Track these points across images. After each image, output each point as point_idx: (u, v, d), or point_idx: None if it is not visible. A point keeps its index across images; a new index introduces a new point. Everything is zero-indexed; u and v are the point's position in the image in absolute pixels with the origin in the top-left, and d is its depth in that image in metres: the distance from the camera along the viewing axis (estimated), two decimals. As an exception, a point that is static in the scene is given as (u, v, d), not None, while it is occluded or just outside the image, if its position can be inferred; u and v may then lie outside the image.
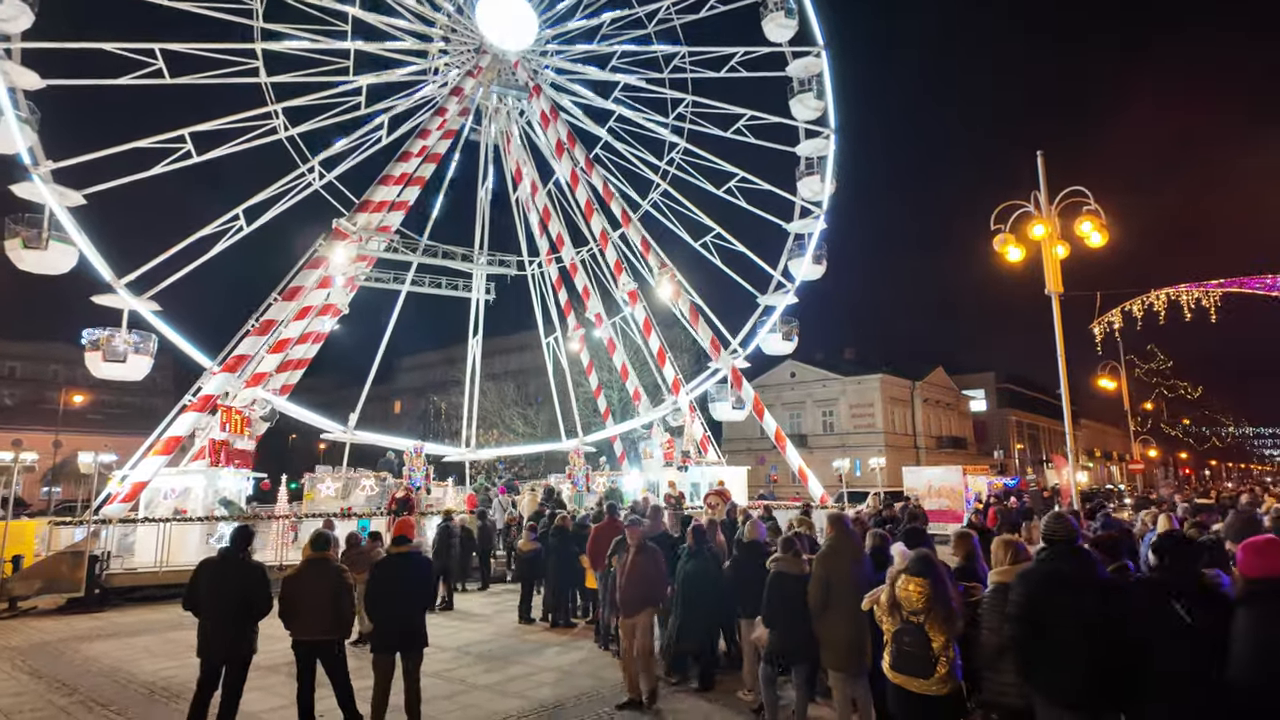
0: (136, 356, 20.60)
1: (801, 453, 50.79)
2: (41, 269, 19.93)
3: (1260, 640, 3.53)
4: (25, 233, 19.36)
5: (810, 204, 29.75)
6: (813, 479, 26.42)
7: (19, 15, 19.69)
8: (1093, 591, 4.16)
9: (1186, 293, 20.58)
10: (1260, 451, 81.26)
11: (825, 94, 29.41)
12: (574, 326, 33.17)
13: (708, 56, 30.87)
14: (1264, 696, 3.44)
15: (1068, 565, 4.29)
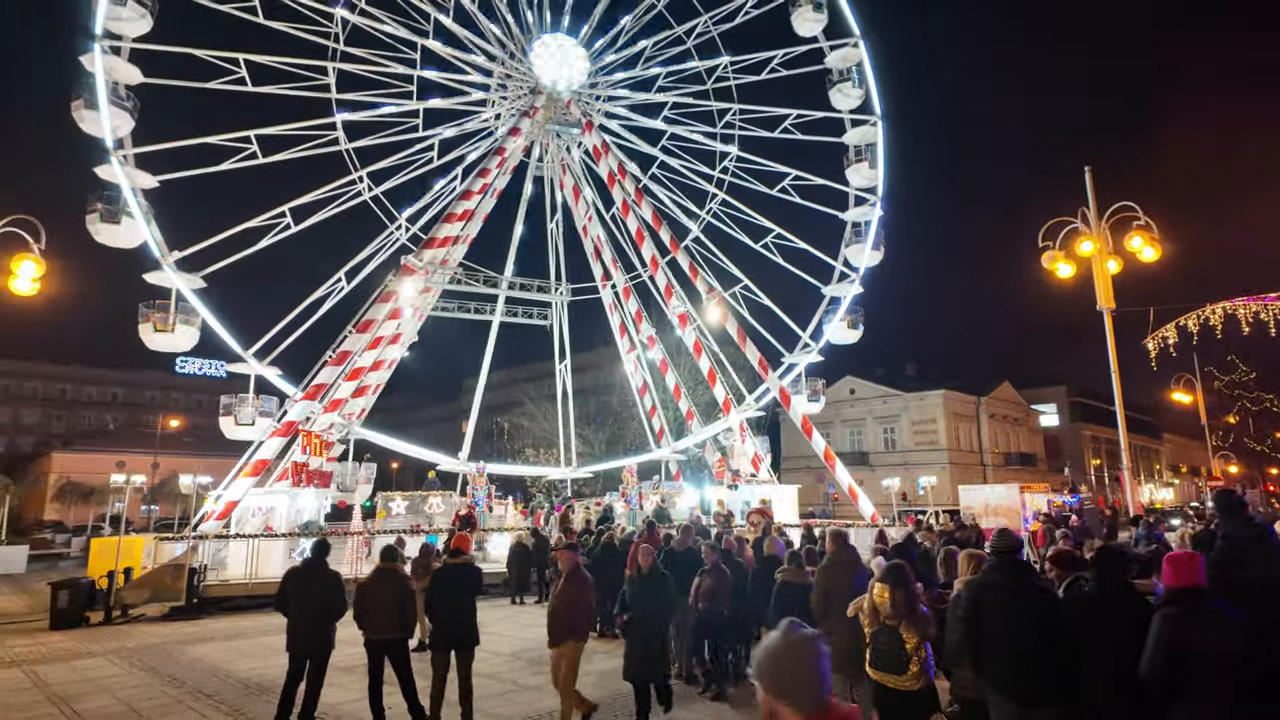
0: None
1: (863, 471, 50.82)
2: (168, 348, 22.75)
3: (1157, 640, 4.11)
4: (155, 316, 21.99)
5: (863, 191, 30.45)
6: (863, 497, 26.59)
7: (138, 19, 22.46)
8: (1026, 598, 4.79)
9: (1244, 306, 20.18)
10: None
11: (866, 81, 30.08)
12: (628, 349, 34.26)
13: (748, 63, 31.95)
14: (1154, 690, 4.03)
15: (1003, 575, 4.94)
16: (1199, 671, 3.91)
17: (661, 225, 28.55)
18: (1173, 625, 4.12)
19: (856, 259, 30.16)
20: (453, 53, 28.95)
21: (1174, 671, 3.98)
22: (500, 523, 23.12)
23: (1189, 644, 3.94)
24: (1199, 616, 4.02)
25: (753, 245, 31.55)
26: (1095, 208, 22.23)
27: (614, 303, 33.68)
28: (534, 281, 31.83)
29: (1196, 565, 4.19)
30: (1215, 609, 4.04)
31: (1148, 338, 21.85)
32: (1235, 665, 3.84)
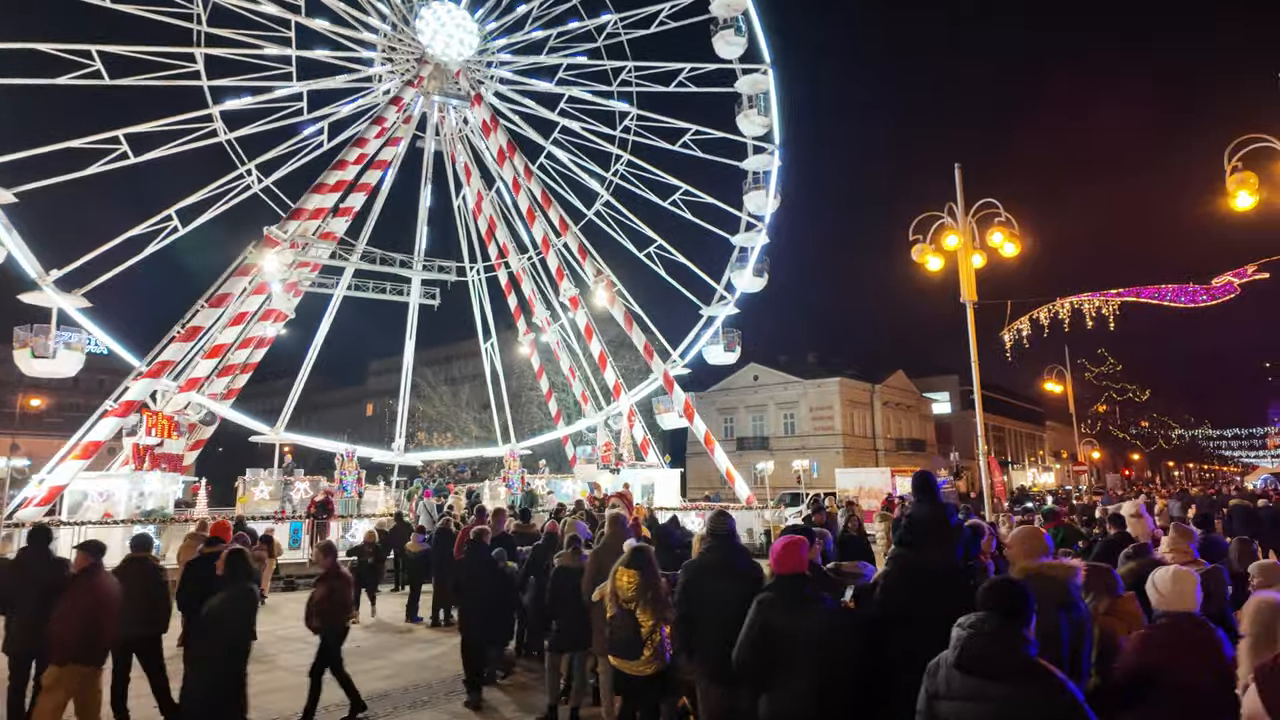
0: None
1: (763, 455, 51.92)
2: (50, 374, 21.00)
3: (749, 623, 4.15)
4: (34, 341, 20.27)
5: (754, 218, 30.47)
6: (740, 481, 27.06)
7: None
8: (733, 579, 4.75)
9: (1089, 301, 21.40)
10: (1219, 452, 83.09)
11: (771, 110, 30.08)
12: (524, 331, 33.69)
13: (655, 71, 31.54)
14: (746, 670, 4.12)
15: (715, 557, 4.89)
16: (786, 655, 3.98)
17: (551, 205, 28.05)
18: (764, 610, 4.18)
19: (758, 207, 30.19)
20: (331, 27, 27.44)
21: (764, 654, 4.05)
22: (372, 509, 22.31)
23: (779, 628, 3.99)
24: (793, 603, 4.06)
25: (662, 204, 31.41)
26: (963, 203, 23.22)
27: (509, 284, 33.03)
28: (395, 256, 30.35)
29: (799, 553, 4.21)
30: (809, 596, 4.10)
31: (1003, 330, 22.97)
32: (818, 652, 3.90)
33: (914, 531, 4.43)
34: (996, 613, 2.93)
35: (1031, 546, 4.15)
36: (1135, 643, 3.61)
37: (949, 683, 2.94)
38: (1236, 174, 17.62)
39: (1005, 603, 2.95)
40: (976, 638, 2.90)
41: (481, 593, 7.94)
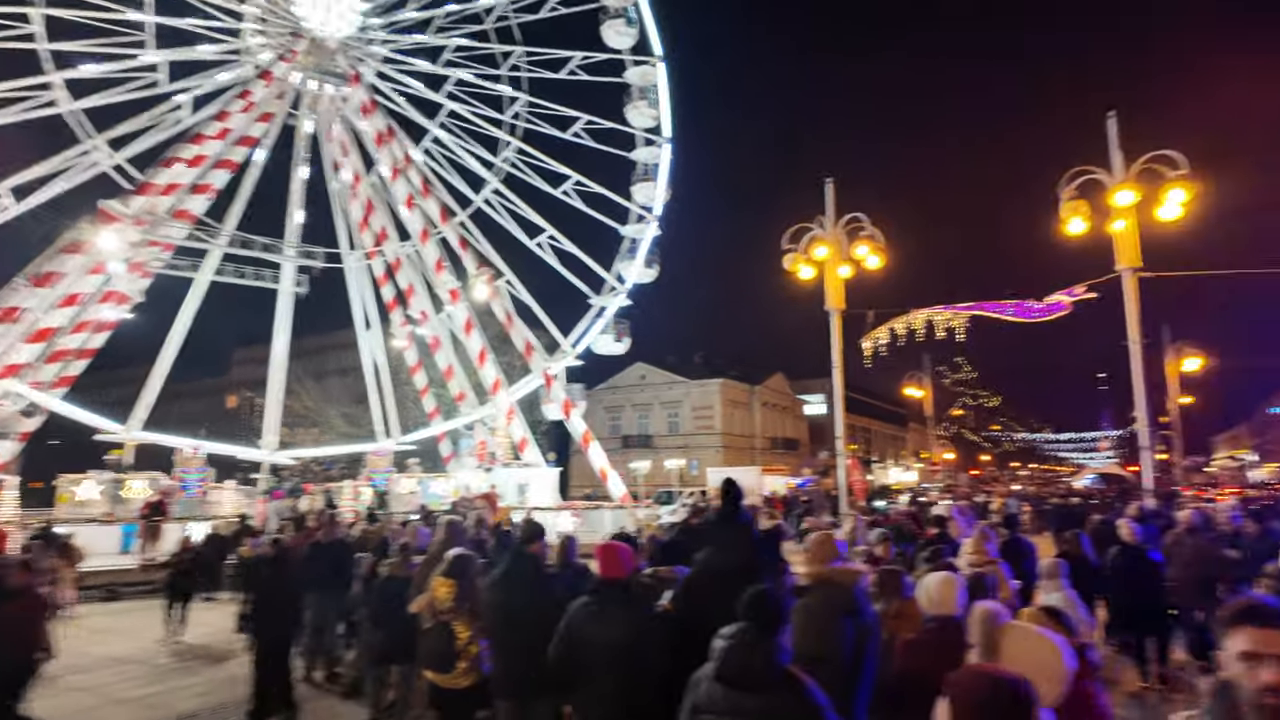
0: None
1: (646, 453, 52.52)
2: None
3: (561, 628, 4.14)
4: None
5: (644, 209, 30.56)
6: (614, 480, 27.23)
7: None
8: (525, 588, 4.69)
9: (940, 313, 22.97)
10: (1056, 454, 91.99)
11: (661, 103, 30.09)
12: (400, 323, 32.42)
13: (546, 58, 31.04)
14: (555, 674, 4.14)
15: (518, 565, 4.82)
16: (593, 662, 3.97)
17: (431, 194, 27.14)
18: (574, 616, 4.18)
19: (648, 199, 30.17)
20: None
21: (572, 658, 4.04)
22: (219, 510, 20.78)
23: (588, 635, 4.00)
24: (605, 609, 4.07)
25: (553, 192, 30.90)
26: (833, 216, 24.32)
27: (385, 274, 31.69)
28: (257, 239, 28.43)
29: (621, 558, 4.23)
30: (623, 602, 4.12)
31: (865, 337, 24.29)
32: (625, 658, 3.91)
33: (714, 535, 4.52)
34: (755, 624, 2.98)
35: (823, 552, 4.30)
36: (902, 648, 3.81)
37: (710, 696, 2.97)
38: (1070, 202, 19.55)
39: (763, 613, 3.00)
40: (736, 649, 2.94)
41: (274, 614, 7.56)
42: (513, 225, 31.08)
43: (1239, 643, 1.99)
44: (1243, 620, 2.01)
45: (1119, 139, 18.65)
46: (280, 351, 29.19)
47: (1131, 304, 18.70)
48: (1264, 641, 1.94)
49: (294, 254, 28.59)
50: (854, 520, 14.42)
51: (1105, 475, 49.42)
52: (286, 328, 29.30)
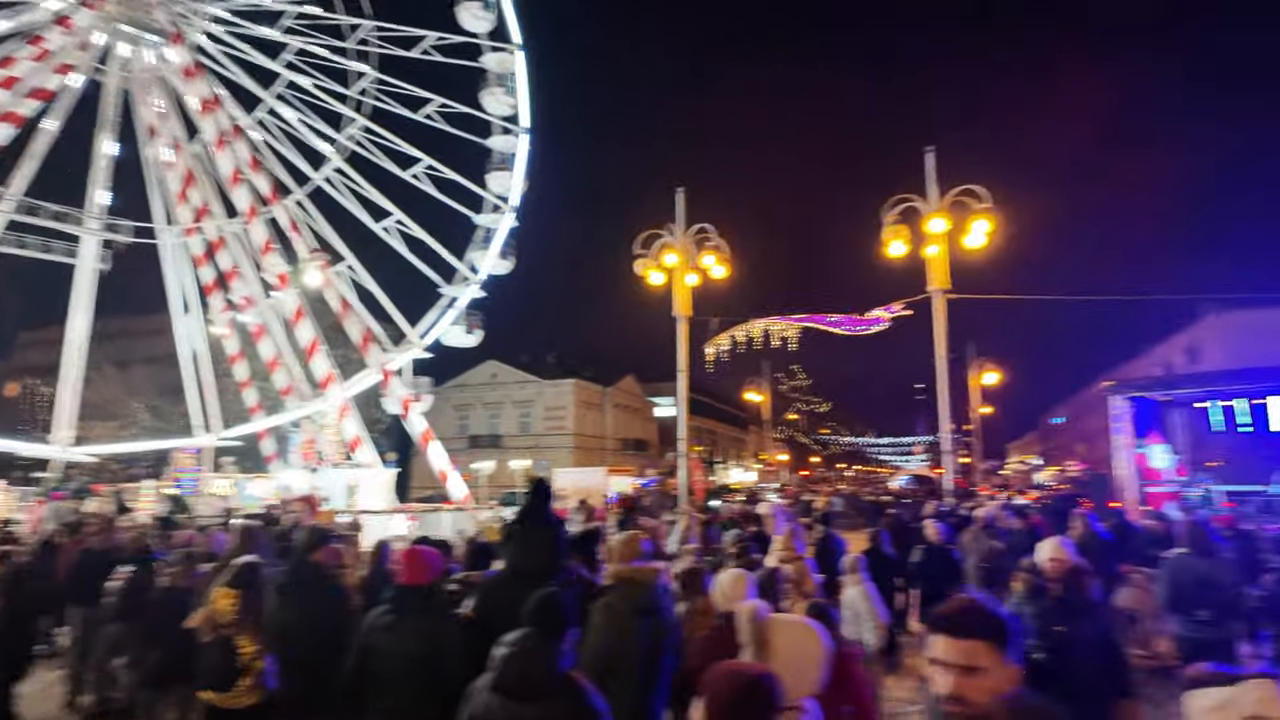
0: None
1: (496, 454, 51.45)
2: None
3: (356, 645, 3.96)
4: None
5: (500, 199, 29.74)
6: (455, 481, 26.44)
7: None
8: (308, 599, 4.40)
9: (777, 323, 24.30)
10: (878, 456, 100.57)
11: (519, 92, 29.31)
12: (220, 308, 29.61)
13: (398, 35, 29.44)
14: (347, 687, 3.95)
15: (297, 576, 4.52)
16: (387, 673, 3.83)
17: (260, 169, 25.04)
18: (368, 625, 4.04)
19: (504, 189, 29.15)
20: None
21: (366, 671, 3.89)
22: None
23: (379, 645, 3.84)
24: (400, 617, 3.93)
25: (402, 175, 29.27)
26: (683, 224, 25.03)
27: (205, 253, 28.83)
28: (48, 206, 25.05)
29: (425, 563, 4.09)
30: (417, 609, 3.98)
31: (708, 343, 25.25)
32: (417, 669, 3.80)
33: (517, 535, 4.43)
34: (538, 630, 2.92)
35: (626, 551, 4.33)
36: (693, 645, 3.90)
37: (488, 707, 2.87)
38: (892, 226, 21.32)
39: (546, 618, 2.95)
40: (516, 657, 2.86)
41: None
42: (357, 207, 29.36)
43: (930, 649, 1.97)
44: (933, 626, 1.98)
45: (935, 172, 20.63)
46: (78, 334, 25.78)
47: (939, 322, 20.72)
48: (946, 650, 1.90)
49: (97, 226, 25.35)
50: (687, 519, 14.89)
51: (917, 476, 54.43)
52: (86, 308, 25.91)
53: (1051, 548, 4.72)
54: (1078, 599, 4.44)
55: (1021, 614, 4.56)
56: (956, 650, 1.87)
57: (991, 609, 1.97)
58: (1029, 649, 4.48)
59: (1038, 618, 4.45)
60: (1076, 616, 4.32)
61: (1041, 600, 4.54)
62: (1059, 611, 4.39)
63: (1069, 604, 4.41)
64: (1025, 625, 4.54)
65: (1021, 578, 4.94)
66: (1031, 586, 4.70)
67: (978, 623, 1.90)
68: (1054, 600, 4.47)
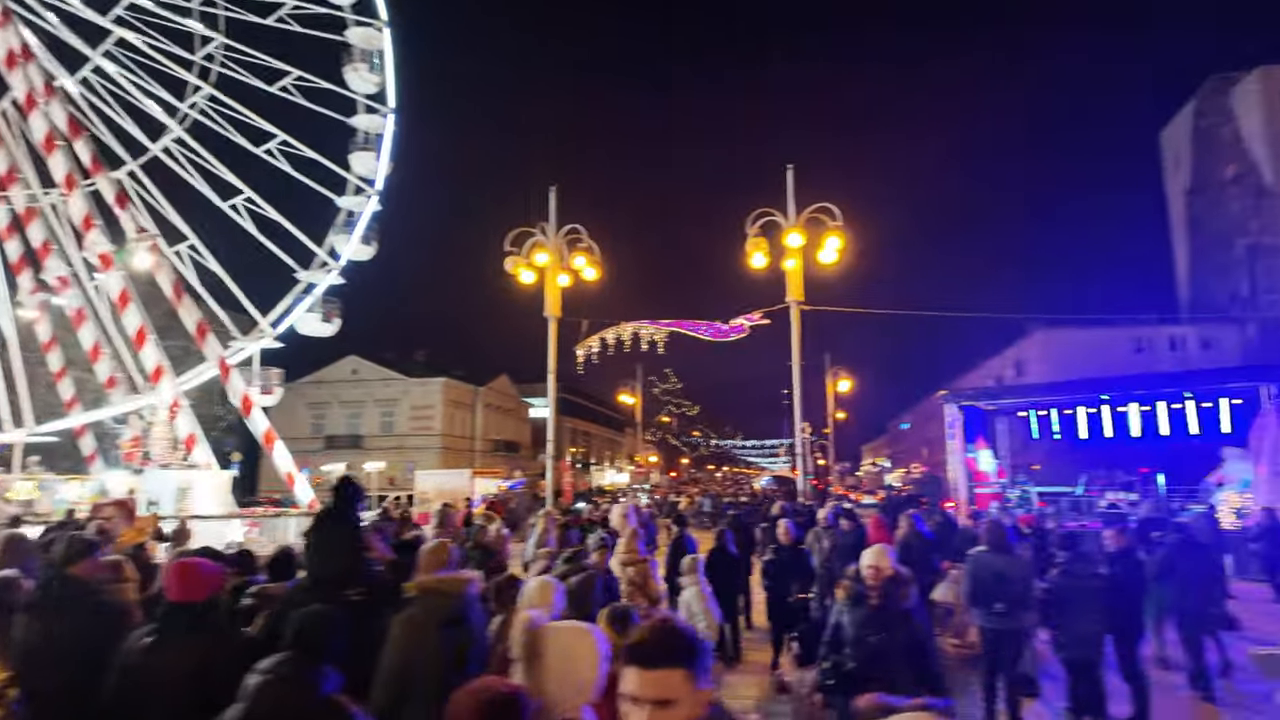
0: None
1: (356, 455, 48.85)
2: None
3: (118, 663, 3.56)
4: None
5: (363, 181, 28.14)
6: (301, 484, 24.81)
7: None
8: (65, 618, 3.88)
9: (646, 327, 24.57)
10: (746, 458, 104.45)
11: (386, 70, 27.65)
12: (31, 289, 26.25)
13: (250, -1, 27.13)
14: None
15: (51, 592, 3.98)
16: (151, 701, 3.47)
17: (81, 135, 22.39)
18: (127, 647, 3.65)
19: (368, 171, 27.45)
20: None
21: (127, 698, 3.51)
22: None
23: (141, 668, 3.46)
24: (165, 637, 3.55)
25: (255, 150, 26.89)
26: (555, 224, 24.79)
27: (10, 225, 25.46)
28: None
29: (198, 578, 3.67)
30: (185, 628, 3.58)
31: (579, 344, 25.14)
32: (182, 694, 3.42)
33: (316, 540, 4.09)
34: (297, 653, 2.64)
35: (432, 560, 4.10)
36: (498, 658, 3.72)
37: (238, 739, 2.56)
38: (754, 239, 22.08)
39: (307, 640, 2.67)
40: (272, 685, 2.56)
41: None
42: (202, 183, 26.94)
43: (623, 683, 1.68)
44: (626, 658, 1.68)
45: (794, 188, 21.58)
46: None
47: (795, 332, 21.71)
48: (639, 684, 1.63)
49: None
50: (544, 521, 14.66)
51: (778, 477, 56.89)
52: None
53: (873, 555, 4.70)
54: (894, 608, 4.46)
55: (840, 622, 4.68)
56: (650, 683, 1.62)
57: (685, 632, 1.74)
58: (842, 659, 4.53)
59: (855, 625, 4.52)
60: (891, 626, 4.36)
61: (861, 608, 4.58)
62: (875, 620, 4.43)
63: (885, 612, 4.44)
64: (843, 633, 4.58)
65: (844, 585, 5.00)
66: (853, 594, 4.77)
67: (672, 650, 1.66)
68: (871, 609, 4.50)
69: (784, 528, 9.17)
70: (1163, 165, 61.14)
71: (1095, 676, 6.65)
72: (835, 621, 4.71)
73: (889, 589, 4.51)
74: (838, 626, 4.65)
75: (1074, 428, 22.14)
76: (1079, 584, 6.46)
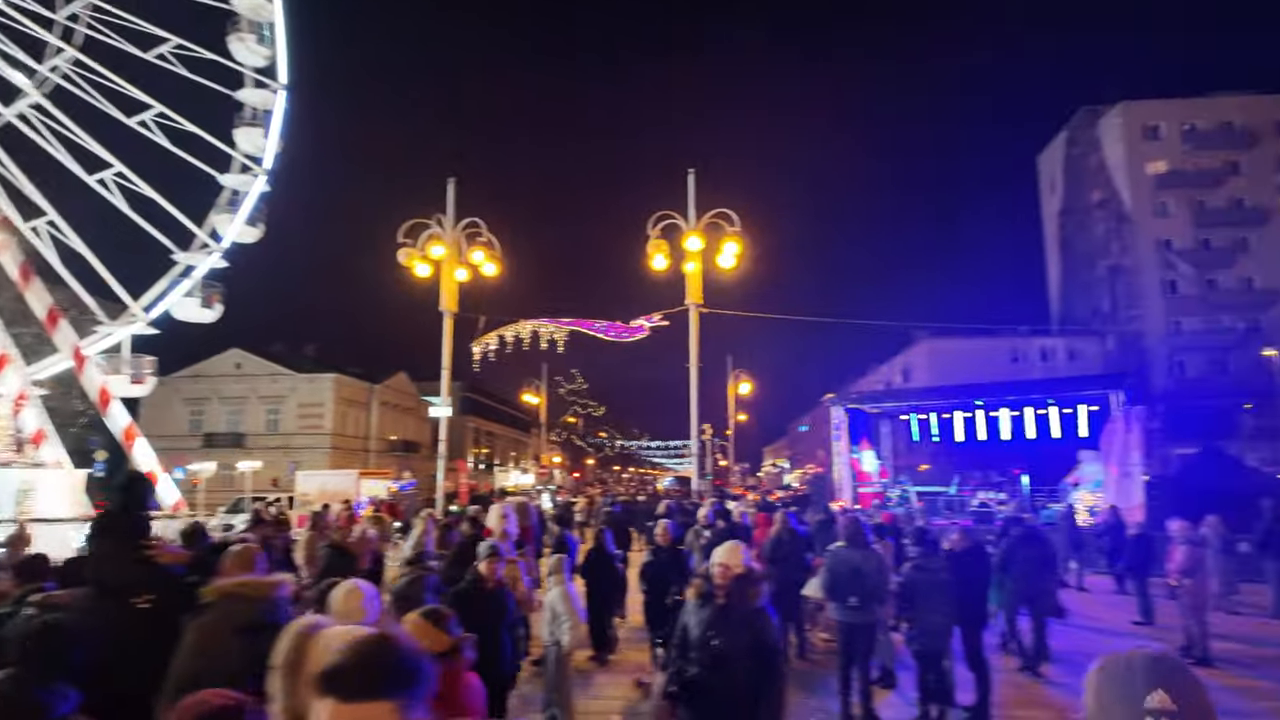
0: None
1: (238, 454, 45.96)
2: None
3: None
4: None
5: (250, 159, 26.42)
6: (167, 484, 23.13)
7: None
8: None
9: (546, 326, 24.28)
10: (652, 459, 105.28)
11: (277, 43, 25.75)
12: None
13: None
14: None
15: None
16: None
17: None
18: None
19: (256, 148, 25.83)
20: None
21: None
22: None
23: None
24: None
25: (126, 121, 24.77)
26: (453, 216, 24.10)
27: None
28: None
29: None
30: None
31: (475, 341, 24.56)
32: None
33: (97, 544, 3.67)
34: (23, 669, 2.31)
35: (236, 563, 3.76)
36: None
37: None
38: (655, 241, 22.17)
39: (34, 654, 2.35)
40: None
41: None
42: (64, 154, 24.63)
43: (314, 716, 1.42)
44: (321, 687, 1.40)
45: (695, 192, 21.84)
46: None
47: (694, 334, 21.97)
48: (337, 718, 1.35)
49: None
50: (424, 524, 14.13)
51: (680, 478, 57.61)
52: None
53: (724, 552, 4.38)
54: (741, 607, 4.19)
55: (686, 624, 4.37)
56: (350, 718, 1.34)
57: (396, 655, 1.44)
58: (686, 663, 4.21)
59: (700, 626, 4.23)
60: (737, 627, 4.09)
61: (708, 608, 4.30)
62: (720, 621, 4.16)
63: (731, 612, 4.17)
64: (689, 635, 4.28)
65: (695, 584, 4.66)
66: (701, 593, 4.42)
67: (377, 677, 1.38)
68: (718, 609, 4.23)
69: (662, 528, 9.12)
70: (1039, 188, 65.90)
71: (943, 667, 6.93)
72: (683, 622, 4.44)
73: (736, 588, 4.26)
74: (684, 628, 4.39)
75: (951, 431, 23.41)
76: (929, 578, 6.70)
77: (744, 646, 4.04)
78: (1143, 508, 17.08)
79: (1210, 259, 51.27)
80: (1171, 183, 52.17)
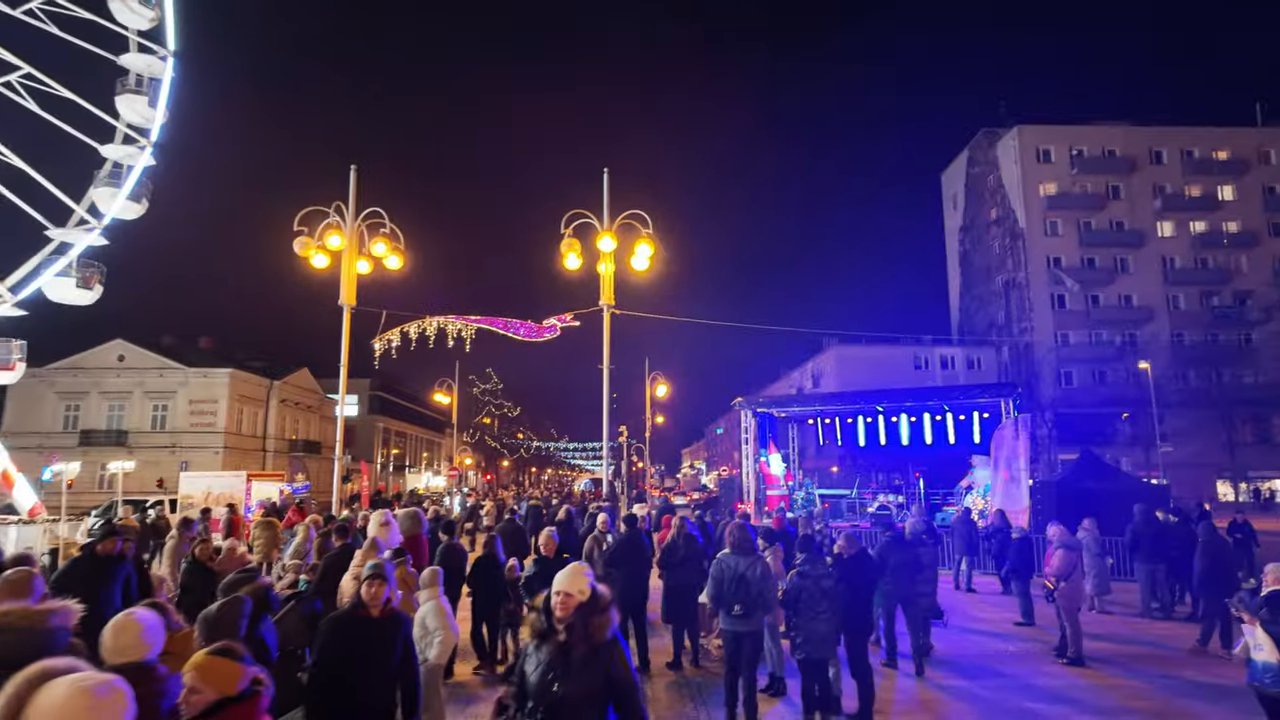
0: None
1: (120, 453, 42.66)
2: None
3: None
4: None
5: (134, 130, 24.39)
6: (24, 486, 21.08)
7: None
8: None
9: (451, 322, 23.46)
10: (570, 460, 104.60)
11: (164, 6, 23.79)
12: None
13: None
14: None
15: None
16: None
17: None
18: None
19: (143, 119, 23.94)
20: None
21: None
22: None
23: None
24: None
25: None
26: (354, 206, 22.99)
27: None
28: None
29: None
30: None
31: (376, 338, 23.48)
32: None
33: None
34: None
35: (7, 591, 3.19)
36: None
37: None
38: (568, 240, 21.77)
39: None
40: None
41: None
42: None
43: None
44: None
45: (609, 192, 21.56)
46: None
47: (606, 335, 21.67)
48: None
49: None
50: (306, 530, 13.29)
51: (595, 480, 57.26)
52: None
53: (564, 578, 3.47)
54: (584, 644, 3.31)
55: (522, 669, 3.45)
56: None
57: None
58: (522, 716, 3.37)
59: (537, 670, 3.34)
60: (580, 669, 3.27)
61: (547, 646, 3.38)
62: (561, 662, 3.30)
63: (573, 651, 3.31)
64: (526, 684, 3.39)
65: (529, 619, 3.56)
66: (539, 631, 3.44)
67: None
68: (558, 648, 3.34)
69: (545, 536, 8.73)
70: (943, 203, 69.14)
71: (827, 676, 6.86)
72: (519, 668, 3.48)
73: (579, 620, 3.37)
74: (521, 674, 3.43)
75: (855, 435, 24.00)
76: (814, 585, 6.61)
77: (594, 689, 3.31)
78: (1028, 511, 17.88)
79: (1094, 277, 55.01)
80: (1060, 204, 55.72)
